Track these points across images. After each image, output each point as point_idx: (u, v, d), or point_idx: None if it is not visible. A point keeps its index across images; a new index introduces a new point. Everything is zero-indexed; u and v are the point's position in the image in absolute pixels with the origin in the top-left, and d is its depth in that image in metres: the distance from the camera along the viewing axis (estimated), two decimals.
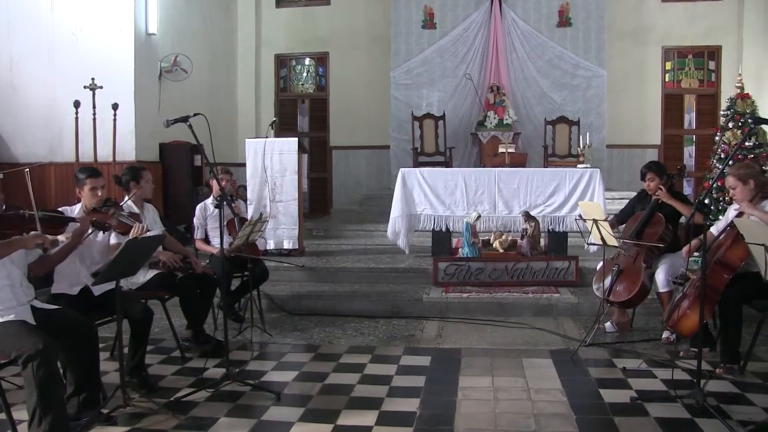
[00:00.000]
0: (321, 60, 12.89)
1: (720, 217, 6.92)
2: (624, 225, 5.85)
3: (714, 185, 7.12)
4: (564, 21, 11.48)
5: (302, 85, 13.10)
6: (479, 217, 7.35)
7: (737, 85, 8.21)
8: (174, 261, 5.16)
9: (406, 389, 4.42)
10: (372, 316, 6.34)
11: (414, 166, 9.44)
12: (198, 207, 6.25)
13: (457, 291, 6.77)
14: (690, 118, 12.57)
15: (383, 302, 6.58)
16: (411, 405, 4.13)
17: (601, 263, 5.76)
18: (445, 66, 11.57)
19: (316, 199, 12.76)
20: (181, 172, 9.92)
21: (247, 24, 12.61)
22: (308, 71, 13.07)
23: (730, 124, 7.75)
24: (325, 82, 12.88)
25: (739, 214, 4.70)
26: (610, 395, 4.29)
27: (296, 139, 8.18)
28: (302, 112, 13.06)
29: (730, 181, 4.80)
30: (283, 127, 12.24)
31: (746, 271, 4.55)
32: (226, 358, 4.53)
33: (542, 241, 7.48)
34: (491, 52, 11.49)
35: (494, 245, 7.35)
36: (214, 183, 6.05)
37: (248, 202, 7.85)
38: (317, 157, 12.73)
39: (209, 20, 11.83)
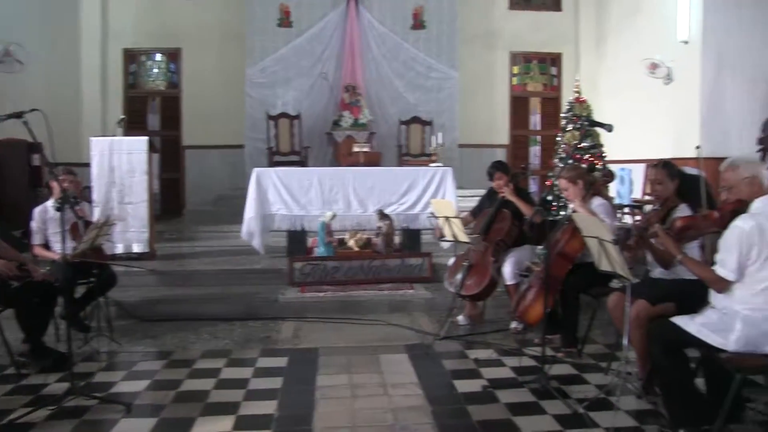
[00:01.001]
0: (173, 56, 12.47)
1: (561, 213, 7.35)
2: (474, 222, 6.10)
3: (555, 183, 7.54)
4: (418, 24, 11.76)
5: (153, 81, 12.62)
6: (334, 216, 7.40)
7: (575, 90, 8.76)
8: (7, 269, 4.78)
9: (263, 392, 4.38)
10: (227, 318, 6.22)
11: (269, 166, 9.37)
12: (36, 210, 5.86)
13: (313, 290, 6.79)
14: (535, 120, 13.25)
15: (238, 304, 6.48)
16: (268, 407, 4.09)
17: (452, 259, 5.98)
18: (300, 65, 11.50)
19: (168, 201, 12.32)
20: (16, 172, 9.30)
21: (92, 15, 11.88)
22: (159, 67, 12.61)
23: (569, 126, 8.24)
24: (177, 78, 12.47)
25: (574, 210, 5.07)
26: (463, 385, 4.46)
27: (146, 138, 7.88)
28: (153, 109, 12.58)
29: (562, 183, 5.13)
30: (132, 125, 11.69)
31: (582, 261, 4.89)
32: (70, 371, 4.27)
33: (396, 239, 7.64)
34: (347, 52, 11.56)
35: (349, 244, 7.43)
36: (54, 184, 5.69)
37: (93, 205, 7.46)
38: (169, 156, 12.29)
39: (49, 8, 11.16)
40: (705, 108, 9.10)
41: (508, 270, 5.69)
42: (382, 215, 7.38)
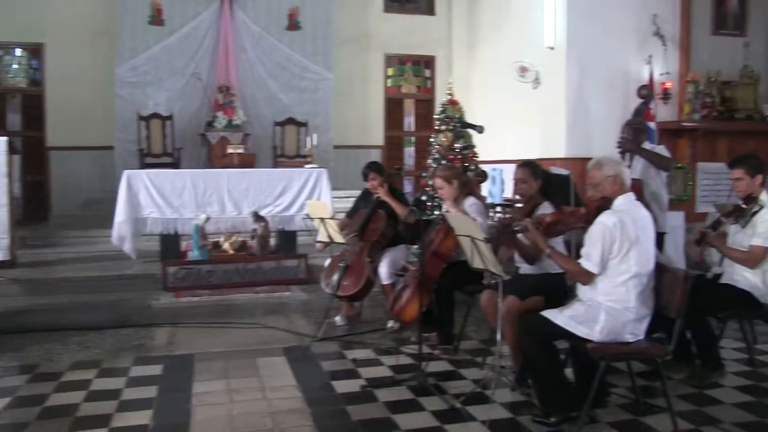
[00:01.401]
0: (35, 52, 11.72)
1: (435, 212, 7.48)
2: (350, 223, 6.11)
3: (429, 183, 7.67)
4: (293, 25, 11.65)
5: (13, 78, 11.81)
6: (208, 219, 7.22)
7: (448, 92, 8.93)
8: None
9: (137, 402, 4.19)
10: (98, 327, 5.91)
11: (140, 168, 9.03)
12: None
13: (188, 295, 6.59)
14: (409, 121, 13.43)
15: (109, 312, 6.21)
16: (143, 418, 3.92)
17: (329, 260, 5.96)
18: (173, 64, 11.12)
19: (32, 205, 11.59)
20: None
21: None
22: (20, 63, 11.82)
23: (443, 127, 8.40)
24: (40, 76, 11.74)
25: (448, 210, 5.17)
26: (342, 386, 4.45)
27: (5, 138, 7.41)
28: (13, 108, 11.79)
29: (437, 182, 5.20)
30: None
31: (456, 259, 4.99)
32: None
33: (272, 241, 7.55)
34: (221, 52, 11.29)
35: (224, 247, 7.27)
36: None
37: None
38: (32, 158, 11.54)
39: None
40: (570, 111, 9.53)
41: (384, 270, 5.73)
42: (258, 217, 7.27)
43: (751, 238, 4.50)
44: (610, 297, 3.63)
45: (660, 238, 5.47)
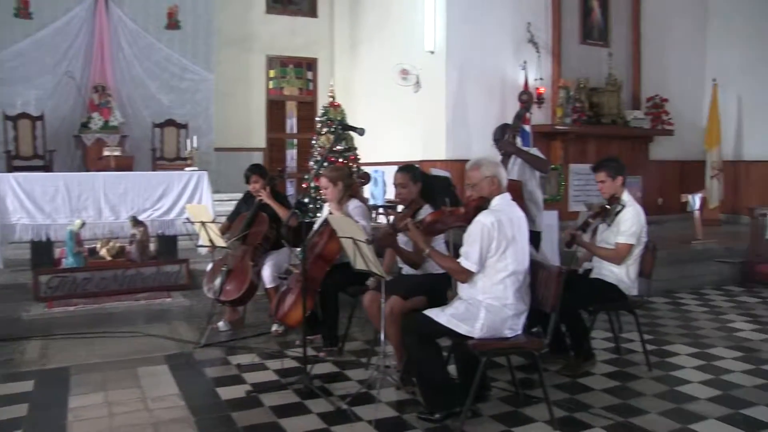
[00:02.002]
0: None
1: (318, 215, 7.47)
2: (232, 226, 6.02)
3: (312, 185, 7.65)
4: (173, 23, 11.28)
5: None
6: (84, 224, 6.89)
7: (329, 94, 8.94)
8: None
9: (5, 423, 3.92)
10: None
11: (7, 171, 8.51)
12: None
13: (62, 305, 6.26)
14: (292, 123, 13.34)
15: None
16: None
17: (210, 264, 5.83)
18: (43, 62, 10.45)
19: None
20: None
21: None
22: None
23: (324, 130, 8.40)
24: None
25: (332, 212, 5.18)
26: (226, 392, 4.37)
27: None
28: None
29: (323, 181, 5.23)
30: None
31: (340, 261, 5.01)
32: None
33: (152, 246, 7.30)
34: (96, 50, 10.74)
35: (101, 253, 6.97)
36: None
37: None
38: None
39: None
40: (450, 114, 9.75)
41: (267, 273, 5.68)
42: (136, 222, 7.01)
43: (616, 236, 4.78)
44: (489, 295, 3.74)
45: (537, 237, 5.69)
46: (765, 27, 11.38)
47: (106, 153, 8.53)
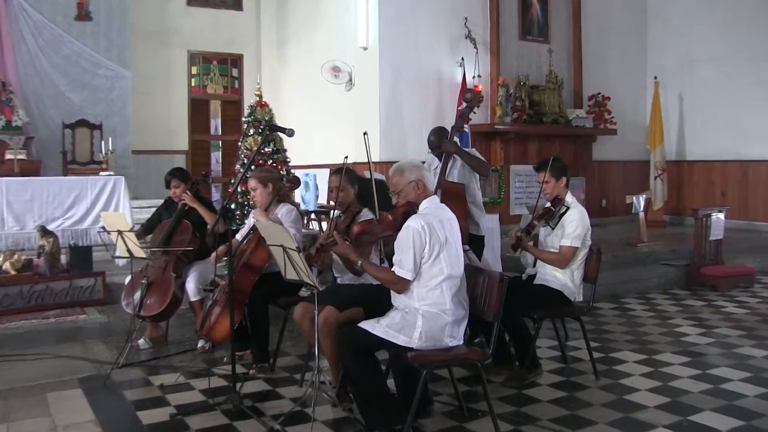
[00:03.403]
0: None
1: (245, 221, 7.39)
2: (152, 235, 5.90)
3: (238, 190, 7.56)
4: (84, 15, 10.97)
5: None
6: None
7: (256, 92, 8.85)
8: None
9: None
10: None
11: None
12: None
13: None
14: (216, 124, 13.21)
15: None
16: None
17: (129, 277, 5.70)
18: None
19: None
20: None
21: None
22: None
23: (251, 131, 8.32)
24: None
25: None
26: (148, 416, 4.27)
27: None
28: None
29: (252, 183, 5.19)
30: None
31: (271, 271, 4.96)
32: None
33: (63, 258, 7.08)
34: None
35: (5, 267, 6.73)
36: None
37: None
38: None
39: None
40: (384, 113, 9.81)
41: (191, 285, 5.61)
42: (45, 232, 6.80)
43: (560, 239, 4.87)
44: (425, 302, 3.77)
45: (480, 242, 5.75)
46: (704, 26, 11.82)
47: (8, 156, 8.27)
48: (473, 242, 5.50)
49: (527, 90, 10.67)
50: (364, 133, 4.35)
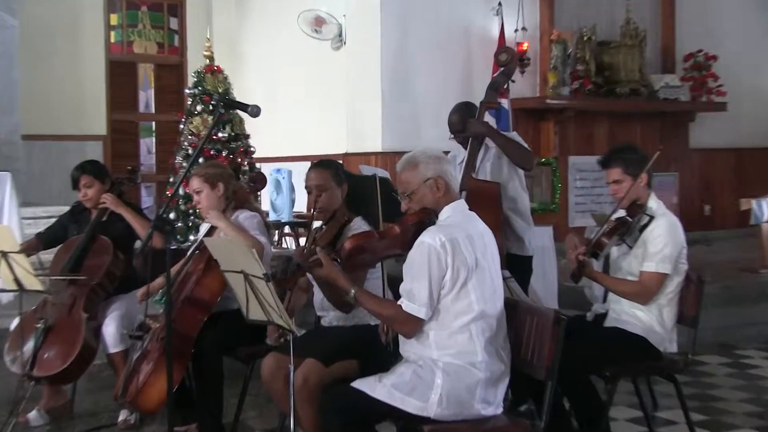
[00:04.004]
0: None
1: (192, 236, 7.40)
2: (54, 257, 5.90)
3: (180, 192, 7.56)
4: None
5: None
6: None
7: (206, 53, 8.88)
8: None
9: None
10: None
11: None
12: None
13: None
14: (147, 98, 13.23)
15: None
16: None
17: (17, 320, 5.69)
18: None
19: None
20: None
21: None
22: None
23: (198, 108, 8.32)
24: None
25: (212, 230, 5.13)
26: None
27: None
28: None
29: (194, 183, 5.20)
30: None
31: (225, 308, 4.99)
32: None
33: None
34: None
35: None
36: None
37: None
38: None
39: None
40: (388, 83, 9.81)
41: (111, 331, 5.58)
42: None
43: (641, 262, 4.86)
44: (447, 350, 3.75)
45: (526, 265, 5.75)
46: None
47: None
48: (516, 266, 5.52)
49: (593, 48, 10.68)
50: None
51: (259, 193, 6.89)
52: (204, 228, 5.43)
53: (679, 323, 4.99)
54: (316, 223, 4.72)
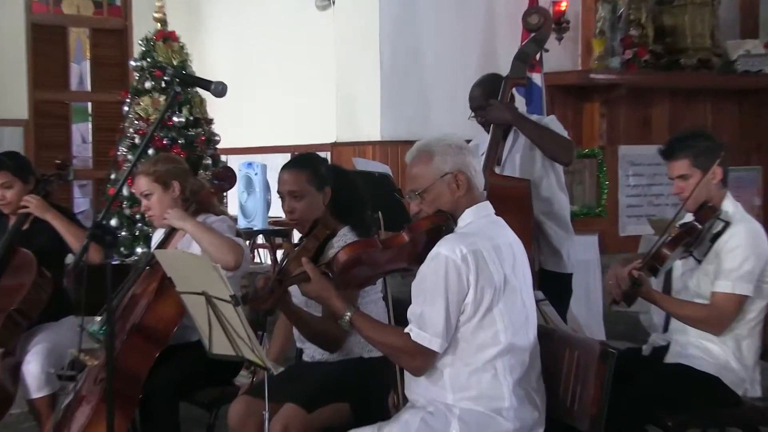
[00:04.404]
0: None
1: (140, 249, 7.42)
2: None
3: (123, 192, 7.57)
4: None
5: None
6: None
7: (157, 15, 8.91)
8: None
9: None
10: None
11: None
12: None
13: None
14: (82, 72, 13.23)
15: None
16: None
17: None
18: None
19: None
20: None
21: None
22: None
23: (147, 85, 8.33)
24: None
25: (167, 239, 5.14)
26: None
27: None
28: None
29: (142, 183, 5.19)
30: None
31: (183, 341, 5.02)
32: None
33: None
34: None
35: None
36: None
37: None
38: None
39: None
40: (388, 56, 9.82)
41: (33, 370, 5.58)
42: None
43: (714, 280, 4.84)
44: (466, 393, 3.75)
45: (564, 285, 5.76)
46: None
47: None
48: (551, 286, 5.49)
49: (651, 8, 10.70)
50: None
51: (225, 193, 6.87)
52: (157, 237, 5.44)
53: (763, 360, 4.98)
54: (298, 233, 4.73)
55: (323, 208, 4.68)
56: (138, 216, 7.66)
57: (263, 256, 9.12)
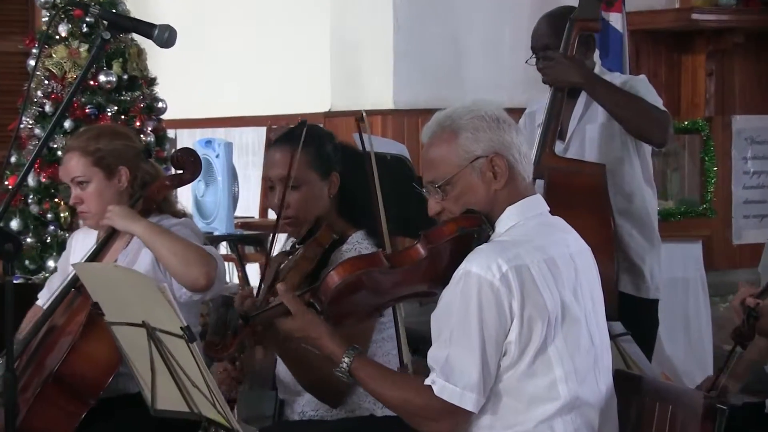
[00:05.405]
0: None
1: (52, 262, 7.52)
2: None
3: (29, 183, 7.66)
4: None
5: None
6: None
7: None
8: None
9: None
10: None
11: None
12: None
13: None
14: None
15: None
16: None
17: None
18: None
19: None
20: None
21: None
22: None
23: (62, 31, 8.42)
24: None
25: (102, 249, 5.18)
26: None
27: None
28: None
29: (75, 165, 5.22)
30: None
31: (120, 392, 5.09)
32: None
33: None
34: None
35: None
36: None
37: None
38: None
39: None
40: None
41: None
42: None
43: None
44: None
45: (646, 315, 5.82)
46: None
47: None
48: (632, 315, 5.49)
49: None
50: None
51: (184, 186, 6.78)
52: (83, 244, 5.50)
53: None
54: (285, 240, 4.76)
55: (328, 203, 4.71)
56: (50, 216, 7.73)
57: (228, 273, 9.19)
